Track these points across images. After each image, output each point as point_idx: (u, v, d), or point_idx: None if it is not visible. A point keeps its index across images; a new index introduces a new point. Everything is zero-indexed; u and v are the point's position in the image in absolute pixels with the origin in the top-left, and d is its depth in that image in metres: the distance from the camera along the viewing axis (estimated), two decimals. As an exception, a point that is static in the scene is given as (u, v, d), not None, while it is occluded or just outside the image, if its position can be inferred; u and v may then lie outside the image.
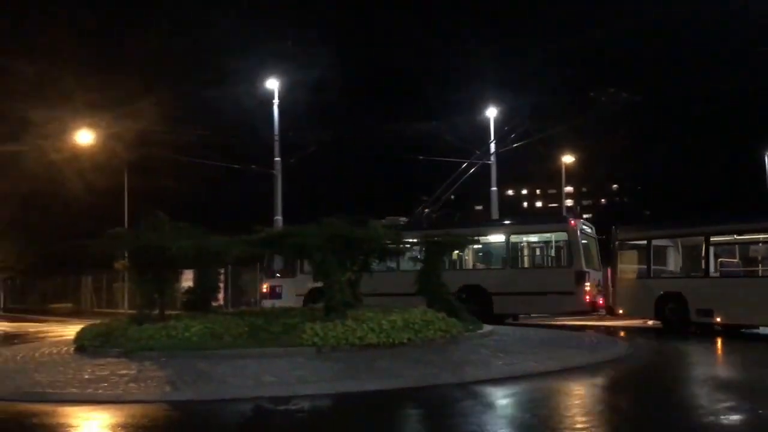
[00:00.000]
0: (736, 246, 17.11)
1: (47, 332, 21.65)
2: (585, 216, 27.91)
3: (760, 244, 16.51)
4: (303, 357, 11.00)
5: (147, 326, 12.35)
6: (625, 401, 9.22)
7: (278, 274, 23.49)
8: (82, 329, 13.55)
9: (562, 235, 18.99)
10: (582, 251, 18.40)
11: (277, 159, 27.40)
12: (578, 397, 9.35)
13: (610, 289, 19.28)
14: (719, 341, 15.58)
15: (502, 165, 30.94)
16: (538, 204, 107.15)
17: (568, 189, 61.78)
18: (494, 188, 29.71)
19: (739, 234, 16.72)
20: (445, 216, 24.27)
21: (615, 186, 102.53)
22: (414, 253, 16.89)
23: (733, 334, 16.46)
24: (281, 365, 10.39)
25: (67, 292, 45.04)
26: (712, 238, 16.65)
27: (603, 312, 19.69)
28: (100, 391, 9.34)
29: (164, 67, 57.01)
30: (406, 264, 18.40)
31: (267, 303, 23.45)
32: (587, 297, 18.19)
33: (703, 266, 16.73)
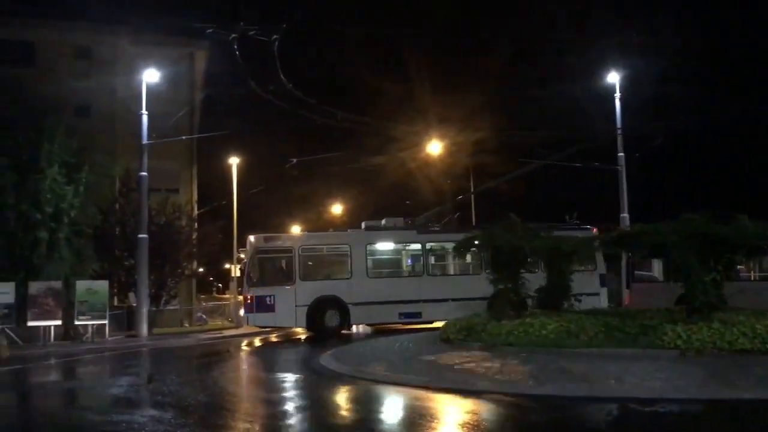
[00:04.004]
0: None
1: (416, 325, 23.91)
2: None
3: None
4: (664, 360, 10.63)
5: (505, 323, 13.08)
6: None
7: (264, 282, 20.70)
8: (447, 323, 14.87)
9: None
10: None
11: (621, 154, 26.72)
12: None
13: None
14: None
15: None
16: None
17: None
18: None
19: None
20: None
21: None
22: None
23: None
24: (642, 367, 10.16)
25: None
26: None
27: None
28: (470, 381, 10.18)
29: (503, 74, 59.20)
30: None
31: (252, 319, 20.56)
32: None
33: None
